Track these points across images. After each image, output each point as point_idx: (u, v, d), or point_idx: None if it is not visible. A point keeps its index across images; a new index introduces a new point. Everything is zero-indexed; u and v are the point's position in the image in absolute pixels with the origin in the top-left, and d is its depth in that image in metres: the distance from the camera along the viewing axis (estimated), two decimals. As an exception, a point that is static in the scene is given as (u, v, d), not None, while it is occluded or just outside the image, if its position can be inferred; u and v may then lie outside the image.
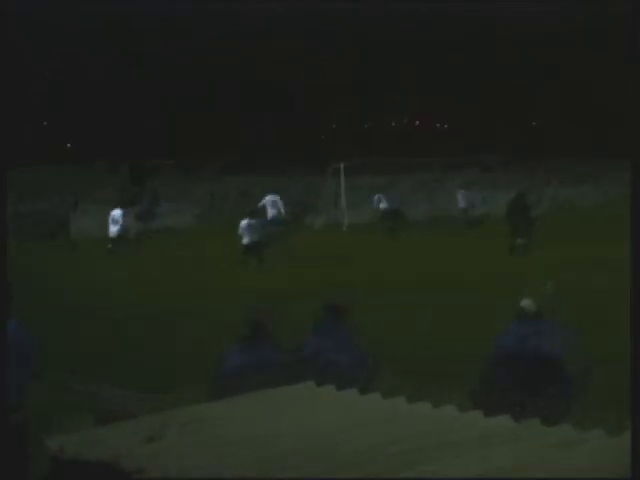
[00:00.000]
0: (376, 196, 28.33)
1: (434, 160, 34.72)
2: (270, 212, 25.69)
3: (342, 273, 16.54)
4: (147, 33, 50.71)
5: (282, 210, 26.17)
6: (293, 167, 35.79)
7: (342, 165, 29.48)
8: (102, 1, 48.01)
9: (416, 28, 52.27)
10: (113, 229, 23.30)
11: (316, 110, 56.08)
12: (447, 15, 50.84)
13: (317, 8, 48.29)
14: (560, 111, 54.64)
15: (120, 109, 51.30)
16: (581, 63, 51.35)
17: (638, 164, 5.42)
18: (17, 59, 38.05)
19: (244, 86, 52.63)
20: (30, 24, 42.89)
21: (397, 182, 32.16)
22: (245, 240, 19.49)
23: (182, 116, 52.33)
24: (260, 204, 25.56)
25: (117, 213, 23.48)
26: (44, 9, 44.17)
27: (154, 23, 49.78)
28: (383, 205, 27.88)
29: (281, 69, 52.35)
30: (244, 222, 19.81)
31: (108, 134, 50.52)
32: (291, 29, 51.03)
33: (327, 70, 52.92)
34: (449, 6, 49.53)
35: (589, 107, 53.01)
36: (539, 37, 52.36)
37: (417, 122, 64.58)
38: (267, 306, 6.67)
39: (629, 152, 5.71)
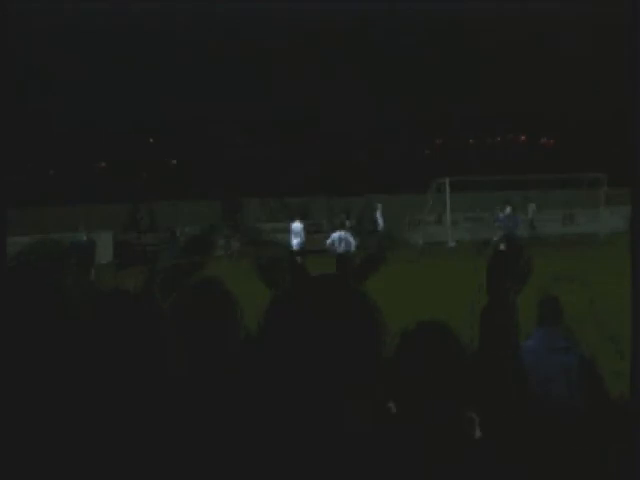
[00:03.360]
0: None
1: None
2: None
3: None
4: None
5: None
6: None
7: (447, 180, 28.44)
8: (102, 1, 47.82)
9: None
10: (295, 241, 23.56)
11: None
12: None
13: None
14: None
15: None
16: (581, 63, 51.09)
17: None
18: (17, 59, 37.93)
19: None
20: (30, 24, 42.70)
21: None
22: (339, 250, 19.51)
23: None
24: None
25: (297, 226, 23.77)
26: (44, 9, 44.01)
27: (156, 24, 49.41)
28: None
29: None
30: (335, 234, 19.98)
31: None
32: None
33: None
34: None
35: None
36: (539, 37, 52.13)
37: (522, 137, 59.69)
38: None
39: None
